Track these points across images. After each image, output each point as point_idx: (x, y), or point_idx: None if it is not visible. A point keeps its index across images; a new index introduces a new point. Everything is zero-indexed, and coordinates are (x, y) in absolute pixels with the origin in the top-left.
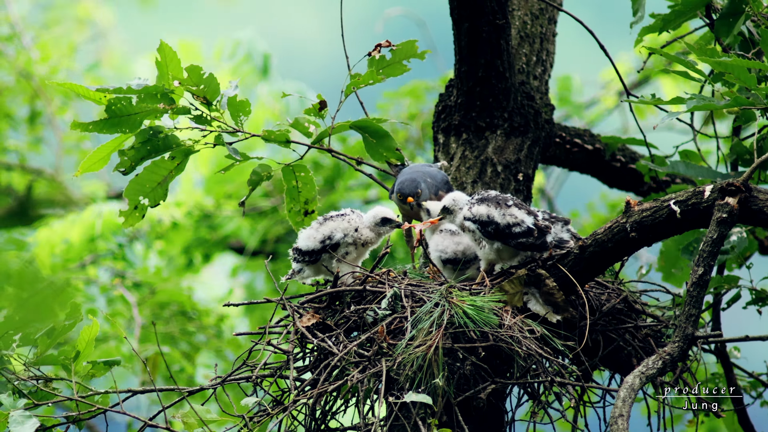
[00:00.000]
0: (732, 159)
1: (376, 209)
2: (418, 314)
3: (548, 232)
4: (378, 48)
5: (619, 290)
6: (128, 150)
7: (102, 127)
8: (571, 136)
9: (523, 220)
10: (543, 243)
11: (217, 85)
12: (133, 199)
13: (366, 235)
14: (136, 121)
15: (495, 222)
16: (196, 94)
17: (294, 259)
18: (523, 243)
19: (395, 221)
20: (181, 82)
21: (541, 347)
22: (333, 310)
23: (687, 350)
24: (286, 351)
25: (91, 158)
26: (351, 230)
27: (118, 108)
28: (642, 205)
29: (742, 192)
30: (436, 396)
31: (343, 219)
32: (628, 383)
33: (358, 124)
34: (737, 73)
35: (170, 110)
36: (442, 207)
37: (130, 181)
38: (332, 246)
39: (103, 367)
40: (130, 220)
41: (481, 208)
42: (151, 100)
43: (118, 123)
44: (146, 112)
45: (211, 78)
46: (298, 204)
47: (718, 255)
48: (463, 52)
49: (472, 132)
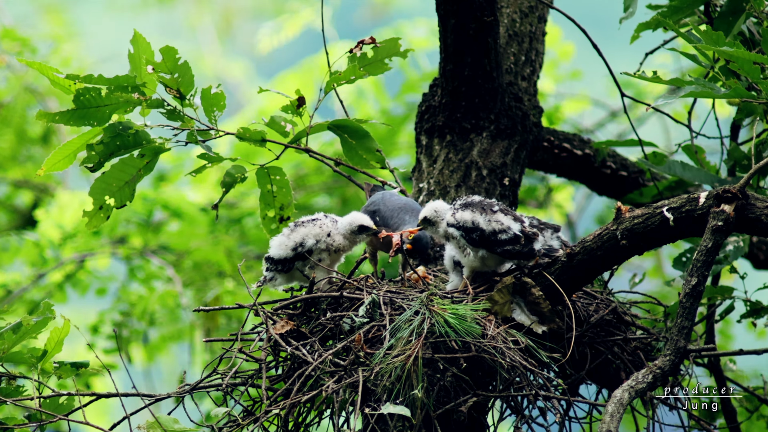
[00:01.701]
0: (730, 164)
1: (353, 216)
2: (397, 322)
3: (535, 239)
4: (360, 45)
5: (608, 301)
6: (97, 145)
7: (69, 119)
8: (559, 140)
9: (510, 226)
10: (530, 251)
11: (191, 77)
12: (99, 198)
13: (339, 241)
14: (105, 115)
15: (480, 228)
16: (169, 86)
17: (266, 268)
18: (509, 251)
19: (372, 229)
20: (154, 67)
21: (526, 359)
22: (308, 317)
23: (679, 364)
24: (258, 359)
25: (57, 155)
26: (323, 236)
27: (87, 99)
28: (633, 212)
29: (739, 199)
30: (414, 408)
31: (314, 224)
32: (617, 398)
33: (336, 124)
34: (741, 63)
35: (142, 101)
36: (423, 218)
37: (96, 179)
38: (305, 253)
39: (70, 368)
40: (94, 221)
41: (465, 214)
42: (122, 92)
43: (86, 115)
44: (116, 105)
45: (186, 67)
46: (272, 210)
47: (712, 265)
48: (449, 50)
49: (456, 134)
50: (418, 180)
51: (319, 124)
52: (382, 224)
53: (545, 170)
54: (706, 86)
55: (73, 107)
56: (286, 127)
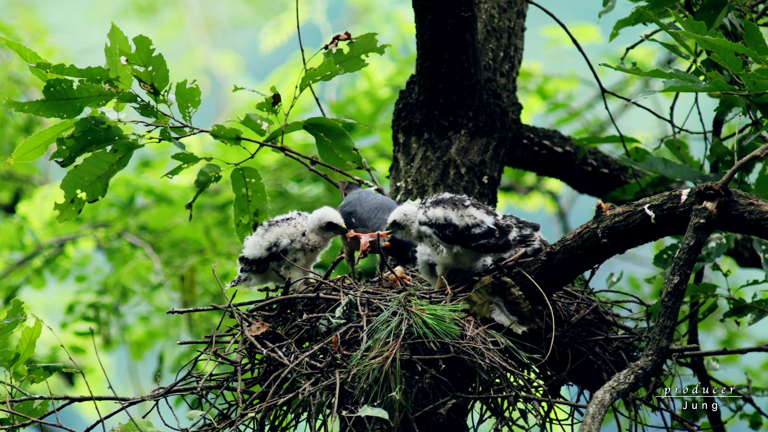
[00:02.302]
0: (712, 160)
1: (322, 211)
2: (374, 323)
3: (510, 230)
4: (335, 41)
5: (589, 300)
6: (67, 139)
7: (38, 109)
8: (539, 137)
9: (483, 220)
10: (506, 243)
11: (166, 72)
12: (70, 192)
13: (314, 239)
14: (76, 107)
15: (453, 224)
16: (143, 80)
17: (241, 268)
18: (484, 245)
19: (340, 227)
20: (128, 58)
21: (506, 360)
22: (284, 318)
23: (661, 364)
24: (233, 361)
25: (27, 145)
26: (298, 235)
27: (57, 90)
28: (614, 210)
29: (722, 196)
30: (392, 411)
31: (289, 224)
32: (598, 399)
33: (312, 123)
34: (723, 54)
35: (115, 94)
36: (392, 222)
37: (68, 172)
38: (280, 253)
39: (43, 372)
40: (65, 215)
41: (437, 211)
42: (94, 86)
43: (56, 106)
44: (87, 98)
45: (161, 60)
46: (247, 216)
47: (695, 263)
48: (426, 46)
49: (434, 131)
50: (396, 179)
51: (295, 122)
52: (359, 225)
53: (525, 168)
54: (687, 79)
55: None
56: (262, 125)
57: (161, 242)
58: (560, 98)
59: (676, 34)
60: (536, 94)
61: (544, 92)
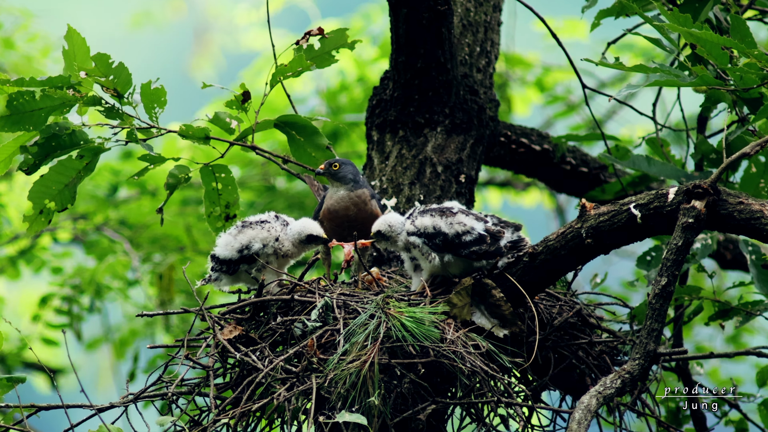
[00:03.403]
0: (697, 158)
1: (302, 223)
2: (351, 326)
3: (501, 237)
4: (306, 36)
5: (573, 303)
6: (31, 147)
7: (2, 125)
8: (517, 135)
9: (473, 226)
10: (497, 249)
11: (128, 76)
12: (38, 202)
13: (287, 247)
14: (41, 118)
15: (442, 233)
16: (105, 86)
17: (211, 267)
18: (476, 252)
19: (321, 238)
20: (88, 72)
21: (487, 364)
22: (257, 321)
23: (649, 368)
24: (205, 366)
25: None
26: (271, 240)
27: (20, 103)
28: (599, 209)
29: (710, 195)
30: (371, 416)
31: (262, 228)
32: (584, 404)
33: (284, 120)
34: (709, 48)
35: (79, 99)
36: (376, 232)
37: (35, 182)
38: (250, 257)
39: (6, 383)
40: (35, 226)
41: (425, 220)
42: (57, 93)
43: (20, 120)
44: (51, 107)
45: (122, 68)
46: (218, 208)
47: (683, 264)
48: (401, 40)
49: (409, 129)
50: (370, 177)
51: (265, 120)
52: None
53: (502, 166)
54: (672, 73)
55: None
56: (232, 123)
57: (140, 238)
58: (559, 91)
59: (660, 26)
60: (534, 85)
61: (543, 84)
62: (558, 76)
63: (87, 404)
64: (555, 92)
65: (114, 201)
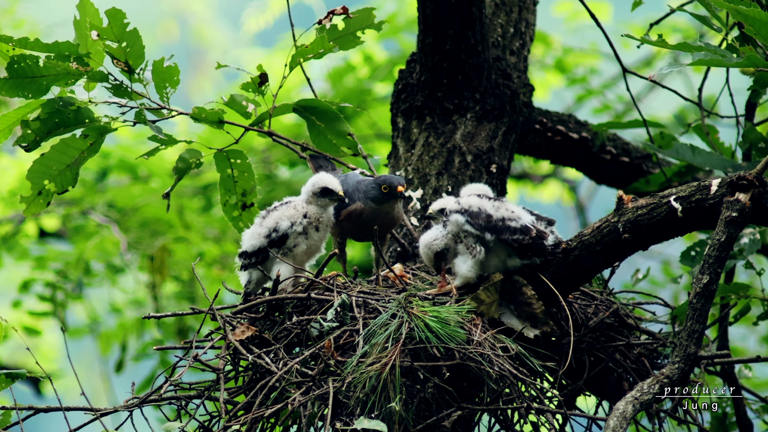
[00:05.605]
0: (745, 147)
1: (317, 177)
2: (371, 327)
3: (546, 236)
4: (330, 16)
5: (609, 302)
6: (33, 121)
7: (0, 87)
8: (553, 122)
9: (520, 216)
10: (541, 246)
11: (141, 48)
12: (37, 183)
13: (313, 213)
14: (42, 86)
15: (488, 213)
16: (116, 57)
17: (242, 266)
18: (518, 240)
19: (337, 193)
20: (100, 33)
21: (516, 368)
22: (271, 321)
23: (689, 373)
24: (216, 368)
25: None
26: (299, 217)
27: (22, 68)
28: (637, 202)
29: (756, 187)
30: (392, 423)
31: (288, 206)
32: (620, 410)
33: (303, 105)
34: (758, 27)
35: (84, 73)
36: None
37: (35, 161)
38: (279, 239)
39: (6, 380)
40: (32, 208)
41: (471, 200)
42: (63, 61)
43: (20, 85)
44: (54, 76)
45: (136, 35)
46: (234, 196)
47: (726, 261)
48: (428, 20)
49: (437, 115)
50: (395, 167)
51: (284, 104)
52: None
53: (537, 156)
54: (718, 53)
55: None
56: (248, 107)
57: (129, 221)
58: (580, 73)
59: (707, 2)
60: (554, 68)
61: (563, 65)
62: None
63: (88, 407)
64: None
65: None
